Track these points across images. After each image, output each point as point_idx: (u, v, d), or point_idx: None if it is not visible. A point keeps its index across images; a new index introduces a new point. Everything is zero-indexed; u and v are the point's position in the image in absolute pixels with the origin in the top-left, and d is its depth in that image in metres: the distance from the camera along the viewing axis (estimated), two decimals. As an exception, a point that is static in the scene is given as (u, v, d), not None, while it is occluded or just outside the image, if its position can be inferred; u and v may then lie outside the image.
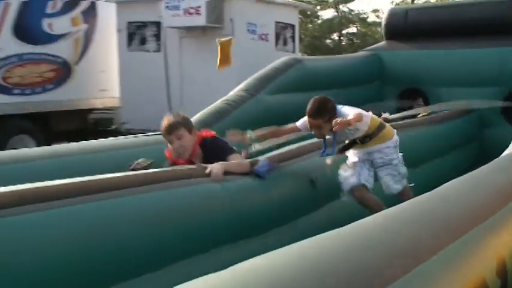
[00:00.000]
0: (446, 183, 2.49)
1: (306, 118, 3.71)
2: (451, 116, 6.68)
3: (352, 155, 3.91)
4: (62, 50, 9.91)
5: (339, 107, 3.66)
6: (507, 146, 3.94)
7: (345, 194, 3.82)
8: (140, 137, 5.13)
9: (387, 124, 3.94)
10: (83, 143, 4.77)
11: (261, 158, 3.48)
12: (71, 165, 3.82)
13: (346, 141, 3.87)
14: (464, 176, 2.68)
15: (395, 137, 3.90)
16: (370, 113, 3.81)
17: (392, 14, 8.74)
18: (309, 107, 3.61)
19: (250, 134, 3.80)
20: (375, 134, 3.76)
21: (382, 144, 3.81)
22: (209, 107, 5.73)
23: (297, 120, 3.85)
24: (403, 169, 3.93)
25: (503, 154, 3.54)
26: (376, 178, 3.93)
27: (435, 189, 2.34)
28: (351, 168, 3.84)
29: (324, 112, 3.57)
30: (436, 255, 1.65)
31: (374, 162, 3.86)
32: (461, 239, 1.80)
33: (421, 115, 6.95)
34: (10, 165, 3.81)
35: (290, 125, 3.95)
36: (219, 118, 5.49)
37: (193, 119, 5.57)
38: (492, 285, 1.84)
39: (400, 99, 7.89)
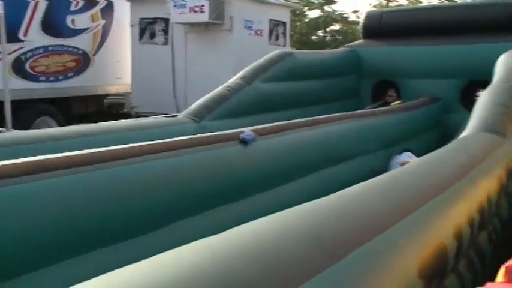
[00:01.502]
0: (410, 163, 2.52)
1: None
2: (419, 104, 6.77)
3: None
4: (82, 42, 9.85)
5: None
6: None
7: None
8: (152, 119, 5.11)
9: None
10: (100, 124, 4.75)
11: (246, 129, 3.59)
12: (88, 143, 3.80)
13: None
14: (427, 155, 2.71)
15: None
16: None
17: (369, 16, 8.69)
18: None
19: None
20: None
21: None
22: (212, 93, 5.68)
23: (287, 105, 3.89)
24: None
25: (460, 136, 3.55)
26: None
27: (401, 168, 2.37)
28: None
29: None
30: (400, 223, 1.67)
31: None
32: (423, 208, 1.84)
33: (394, 103, 7.07)
34: (36, 143, 3.77)
35: None
36: (220, 102, 5.44)
37: (198, 102, 5.53)
38: (450, 246, 1.87)
39: (375, 90, 7.95)
